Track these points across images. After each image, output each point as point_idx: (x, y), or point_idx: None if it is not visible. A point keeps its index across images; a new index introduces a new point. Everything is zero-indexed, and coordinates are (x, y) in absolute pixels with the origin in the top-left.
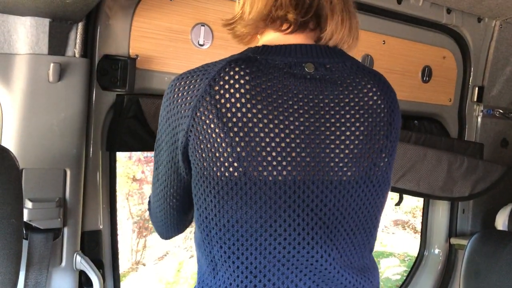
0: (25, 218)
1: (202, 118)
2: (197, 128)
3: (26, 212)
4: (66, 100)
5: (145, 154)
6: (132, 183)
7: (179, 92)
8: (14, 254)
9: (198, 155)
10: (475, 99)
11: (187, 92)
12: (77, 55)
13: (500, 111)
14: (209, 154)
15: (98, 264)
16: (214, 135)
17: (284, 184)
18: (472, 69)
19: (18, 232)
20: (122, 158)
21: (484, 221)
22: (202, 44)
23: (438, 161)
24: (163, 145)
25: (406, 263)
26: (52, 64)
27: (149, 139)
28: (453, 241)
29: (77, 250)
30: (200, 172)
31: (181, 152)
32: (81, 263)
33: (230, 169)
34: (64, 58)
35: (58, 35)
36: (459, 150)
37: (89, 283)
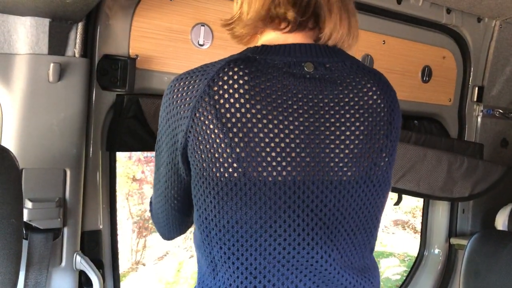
0: (25, 218)
1: (201, 119)
2: (196, 129)
3: (26, 212)
4: (66, 100)
5: (145, 154)
6: (132, 183)
7: (178, 93)
8: (14, 254)
9: (197, 156)
10: (475, 99)
11: (186, 92)
12: (77, 55)
13: (500, 111)
14: (208, 155)
15: (98, 264)
16: (213, 136)
17: (283, 185)
18: (472, 69)
19: (18, 232)
20: (122, 158)
21: (484, 221)
22: (202, 44)
23: (438, 161)
24: (163, 146)
25: (406, 263)
26: (52, 64)
27: (149, 139)
28: (453, 241)
29: (77, 250)
30: (200, 173)
31: (180, 153)
32: (81, 263)
33: (230, 169)
34: (64, 58)
35: (58, 35)
36: (459, 150)
37: (89, 283)
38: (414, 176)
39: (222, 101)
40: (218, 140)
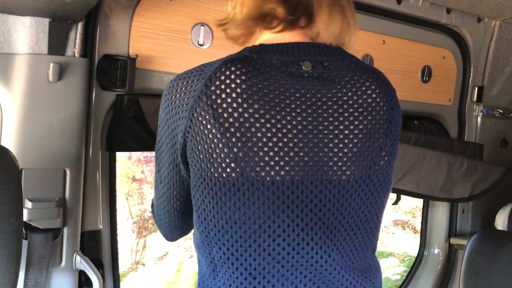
0: (24, 218)
1: (199, 119)
2: (194, 129)
3: (25, 212)
4: (66, 100)
5: (144, 154)
6: (131, 183)
7: (177, 93)
8: (14, 254)
9: (195, 156)
10: (475, 99)
11: (184, 93)
12: (76, 55)
13: (500, 111)
14: (206, 155)
15: (98, 264)
16: (210, 136)
17: (282, 185)
18: (472, 69)
19: (17, 232)
20: (122, 158)
21: (483, 221)
22: (202, 44)
23: (438, 162)
24: (163, 147)
25: (405, 263)
26: (51, 64)
27: (149, 139)
28: (453, 241)
29: (76, 250)
30: (198, 173)
31: (180, 153)
32: (80, 263)
33: (228, 170)
34: (64, 58)
35: (57, 35)
36: (459, 150)
37: (88, 283)
38: (414, 177)
39: (219, 101)
40: (215, 140)
